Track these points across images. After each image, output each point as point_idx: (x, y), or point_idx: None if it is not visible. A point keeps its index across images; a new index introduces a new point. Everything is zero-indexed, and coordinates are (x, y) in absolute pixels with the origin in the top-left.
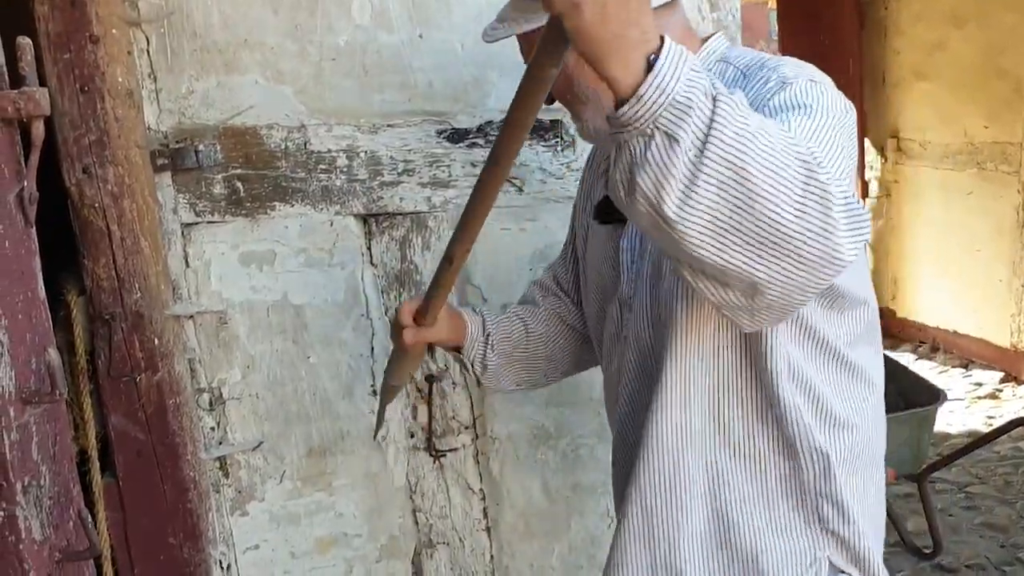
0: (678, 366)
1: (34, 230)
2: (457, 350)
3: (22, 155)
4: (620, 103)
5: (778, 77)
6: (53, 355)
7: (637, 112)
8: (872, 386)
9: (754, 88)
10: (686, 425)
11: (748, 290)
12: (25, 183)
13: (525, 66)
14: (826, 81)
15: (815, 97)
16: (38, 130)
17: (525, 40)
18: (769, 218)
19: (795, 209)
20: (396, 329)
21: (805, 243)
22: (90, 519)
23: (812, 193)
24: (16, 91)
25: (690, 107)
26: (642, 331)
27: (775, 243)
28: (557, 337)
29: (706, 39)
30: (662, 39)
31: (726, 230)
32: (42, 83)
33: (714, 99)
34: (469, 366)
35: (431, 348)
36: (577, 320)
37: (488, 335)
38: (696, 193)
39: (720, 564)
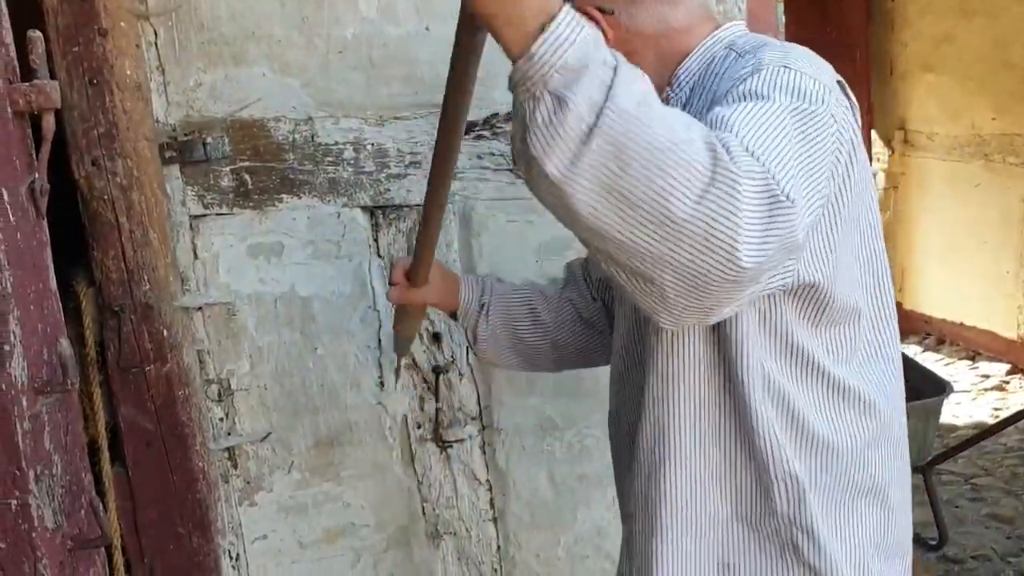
0: (660, 373)
1: (45, 222)
2: (453, 316)
3: (33, 148)
4: (514, 62)
5: (755, 61)
6: (65, 346)
7: (528, 71)
8: (870, 409)
9: (734, 70)
10: (669, 434)
11: (650, 276)
12: (36, 175)
13: None
14: (806, 68)
15: (779, 85)
16: (49, 123)
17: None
18: (664, 198)
19: (694, 195)
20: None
21: (703, 231)
22: (101, 508)
23: (719, 181)
24: (27, 84)
25: (583, 70)
26: (630, 339)
27: (670, 223)
28: (563, 329)
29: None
30: (562, 8)
31: (619, 201)
32: (52, 76)
33: (614, 69)
34: (464, 333)
35: (437, 337)
36: (594, 315)
37: (484, 306)
38: (585, 158)
39: None
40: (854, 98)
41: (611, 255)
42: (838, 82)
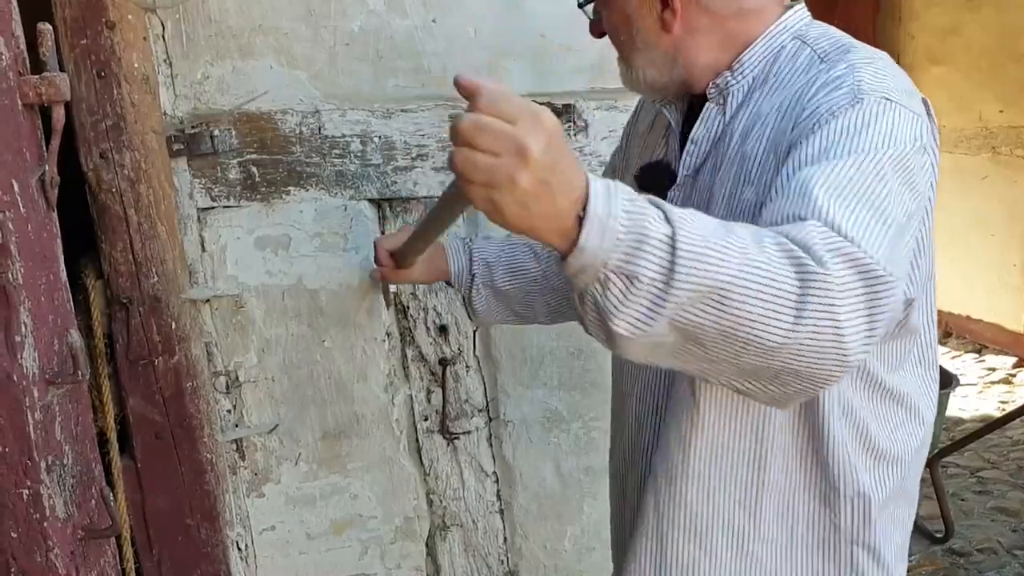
0: (714, 398)
1: (55, 214)
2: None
3: (43, 139)
4: (564, 257)
5: (853, 84)
6: (75, 337)
7: (583, 262)
8: (919, 415)
9: (825, 89)
10: (720, 460)
11: (757, 390)
12: (47, 167)
13: (539, 53)
14: (905, 100)
15: (883, 131)
16: (59, 115)
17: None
18: (759, 331)
19: (789, 319)
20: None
21: (807, 346)
22: (112, 497)
23: (811, 294)
24: (37, 76)
25: (640, 239)
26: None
27: (772, 351)
28: (552, 278)
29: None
30: (587, 184)
31: (715, 341)
32: (60, 69)
33: (668, 220)
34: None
35: (444, 330)
36: None
37: (474, 276)
38: (669, 315)
39: None
40: (933, 111)
41: (718, 380)
42: (923, 100)
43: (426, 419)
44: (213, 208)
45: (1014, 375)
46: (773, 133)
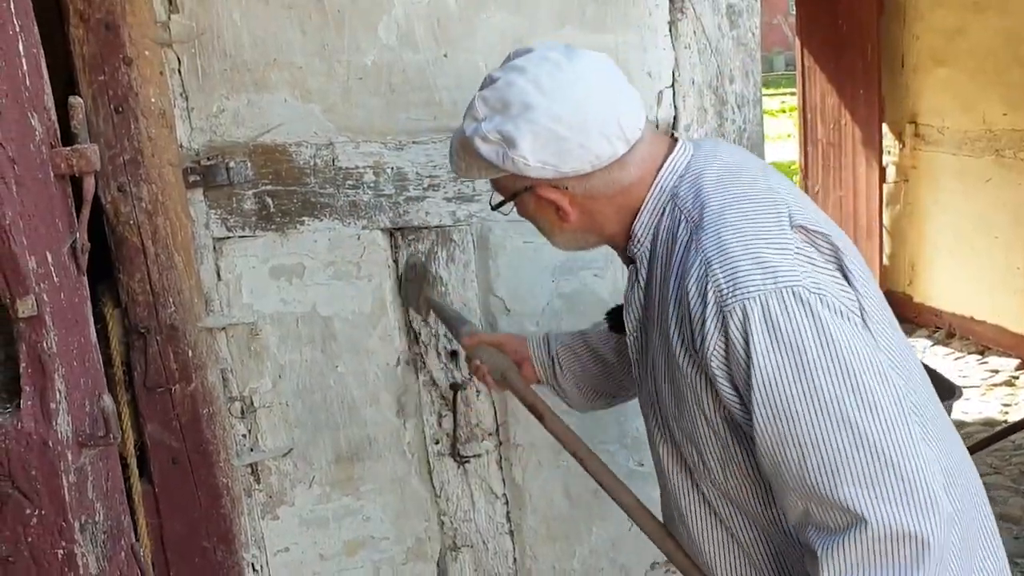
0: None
1: (85, 278)
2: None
3: (74, 208)
4: None
5: (716, 298)
6: (108, 402)
7: None
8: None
9: (688, 303)
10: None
11: None
12: (77, 235)
13: None
14: (787, 273)
15: (809, 357)
16: (89, 185)
17: (490, 181)
18: None
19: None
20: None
21: None
22: (141, 552)
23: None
24: (68, 148)
25: None
26: (664, 457)
27: None
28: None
29: (668, 153)
30: None
31: None
32: (88, 137)
33: None
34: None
35: (454, 355)
36: None
37: (554, 358)
38: None
39: None
40: (817, 225)
41: None
42: (791, 223)
43: (437, 443)
44: (229, 238)
45: (1017, 377)
46: (673, 315)
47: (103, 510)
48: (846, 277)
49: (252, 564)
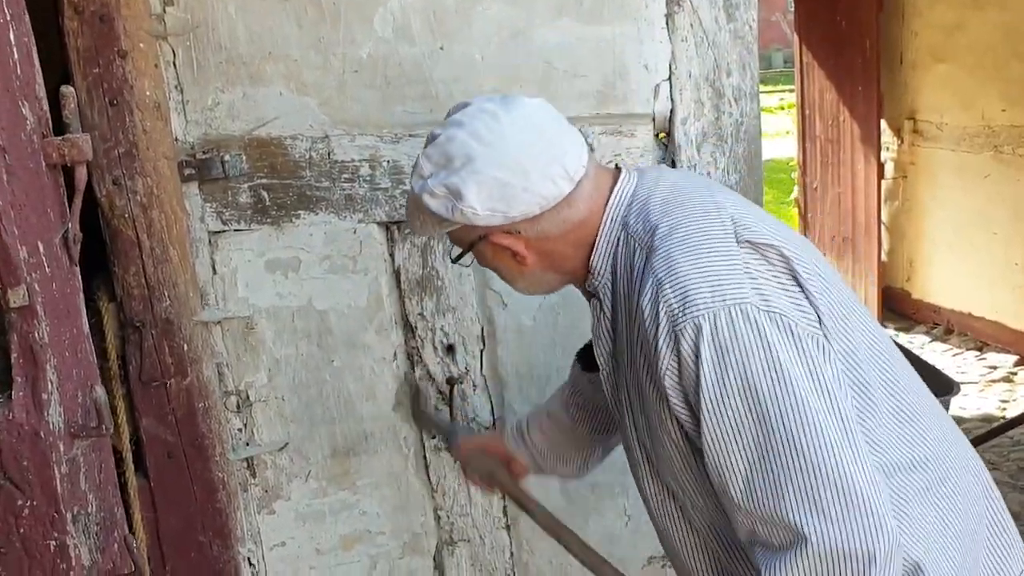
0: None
1: (78, 269)
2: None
3: (66, 198)
4: None
5: (668, 317)
6: (100, 393)
7: None
8: None
9: (644, 325)
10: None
11: None
12: (70, 225)
13: (544, 79)
14: (743, 294)
15: (754, 375)
16: (81, 175)
17: (448, 233)
18: None
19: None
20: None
21: None
22: (135, 543)
23: None
24: (60, 138)
25: None
26: (647, 483)
27: None
28: (585, 422)
29: (613, 184)
30: None
31: None
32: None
33: None
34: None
35: (451, 350)
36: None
37: (522, 432)
38: None
39: None
40: (765, 238)
41: None
42: (738, 240)
43: (434, 437)
44: (224, 232)
45: (1015, 373)
46: (637, 340)
47: (96, 501)
48: (800, 285)
49: (248, 559)
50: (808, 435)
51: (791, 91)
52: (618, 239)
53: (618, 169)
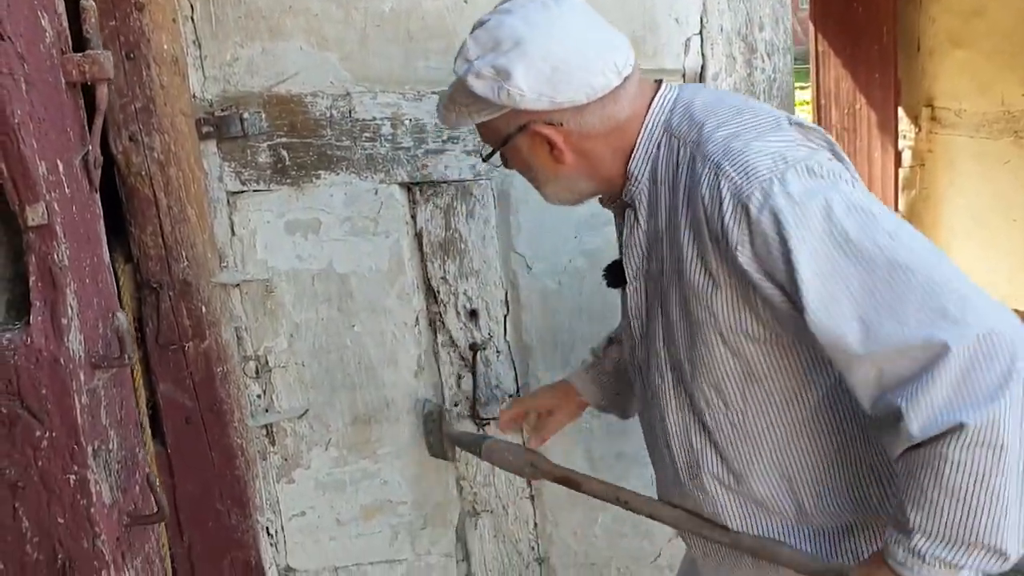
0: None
1: (98, 195)
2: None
3: (85, 119)
4: None
5: (731, 191)
6: (121, 319)
7: None
8: None
9: (703, 212)
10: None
11: None
12: (89, 147)
13: None
14: (792, 160)
15: (837, 215)
16: (102, 93)
17: (478, 129)
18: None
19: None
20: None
21: None
22: (157, 483)
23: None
24: (80, 55)
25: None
26: (668, 404)
27: None
28: None
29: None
30: None
31: None
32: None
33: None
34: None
35: (474, 315)
36: None
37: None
38: None
39: None
40: (812, 125)
41: None
42: (793, 122)
43: (456, 404)
44: (243, 192)
45: None
46: (686, 237)
47: (117, 439)
48: (845, 167)
49: (267, 528)
50: (908, 255)
51: (804, 88)
52: (659, 143)
53: (658, 82)
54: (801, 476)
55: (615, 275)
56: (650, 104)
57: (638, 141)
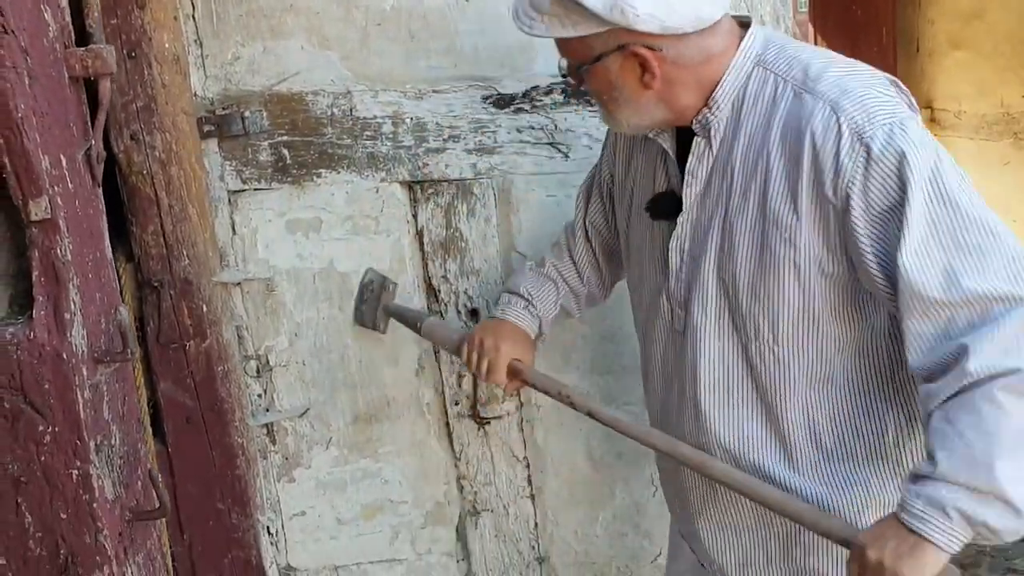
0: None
1: (100, 189)
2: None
3: (88, 114)
4: None
5: (852, 128)
6: (123, 314)
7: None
8: None
9: (813, 145)
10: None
11: None
12: (92, 142)
13: None
14: (899, 117)
15: (945, 168)
16: (105, 88)
17: (563, 43)
18: None
19: None
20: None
21: None
22: (159, 479)
23: None
24: (83, 49)
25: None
26: (706, 334)
27: None
28: (591, 284)
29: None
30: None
31: None
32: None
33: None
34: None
35: (475, 314)
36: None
37: (540, 323)
38: None
39: None
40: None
41: None
42: (891, 81)
43: (457, 403)
44: (244, 191)
45: None
46: (777, 167)
47: (119, 434)
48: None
49: (267, 527)
50: (995, 220)
51: None
52: (749, 75)
53: (743, 25)
54: (822, 422)
55: (666, 206)
56: (740, 41)
57: (728, 70)
